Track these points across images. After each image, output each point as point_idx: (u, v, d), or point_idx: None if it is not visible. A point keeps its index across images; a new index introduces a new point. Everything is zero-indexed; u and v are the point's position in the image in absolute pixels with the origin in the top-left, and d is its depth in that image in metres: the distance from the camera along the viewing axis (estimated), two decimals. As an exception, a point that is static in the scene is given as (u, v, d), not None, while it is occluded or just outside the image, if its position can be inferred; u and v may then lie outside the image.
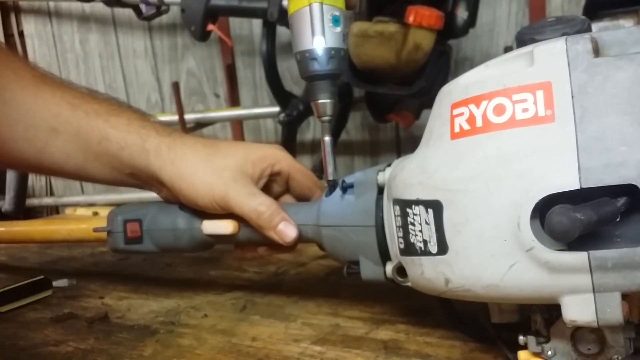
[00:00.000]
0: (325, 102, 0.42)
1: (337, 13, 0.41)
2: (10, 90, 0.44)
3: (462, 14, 0.73)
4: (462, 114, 0.32)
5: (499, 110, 0.30)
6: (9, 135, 0.45)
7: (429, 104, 0.86)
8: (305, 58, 0.41)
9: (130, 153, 0.46)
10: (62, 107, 0.46)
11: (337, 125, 0.94)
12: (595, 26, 0.64)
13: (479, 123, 0.31)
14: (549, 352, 0.33)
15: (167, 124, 0.54)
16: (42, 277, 0.61)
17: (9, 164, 0.57)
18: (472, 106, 0.31)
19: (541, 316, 0.33)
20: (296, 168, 0.49)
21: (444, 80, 0.76)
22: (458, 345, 0.41)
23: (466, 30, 0.76)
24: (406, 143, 1.11)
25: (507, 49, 0.87)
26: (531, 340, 0.33)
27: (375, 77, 0.77)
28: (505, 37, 0.99)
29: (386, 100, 0.85)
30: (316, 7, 0.40)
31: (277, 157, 0.48)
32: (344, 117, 0.96)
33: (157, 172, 0.46)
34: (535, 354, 0.33)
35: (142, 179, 0.48)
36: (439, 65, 0.74)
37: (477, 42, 1.00)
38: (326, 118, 0.43)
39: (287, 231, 0.44)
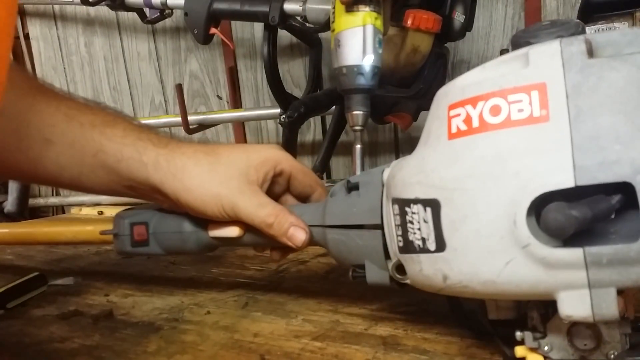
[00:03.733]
0: (358, 113, 0.46)
1: (381, 37, 0.45)
2: (6, 100, 0.42)
3: (459, 17, 0.73)
4: (459, 114, 0.32)
5: (495, 110, 0.30)
6: (2, 145, 0.44)
7: (426, 105, 0.87)
8: (353, 72, 0.44)
9: (128, 166, 0.45)
10: (57, 118, 0.45)
11: (337, 127, 0.95)
12: (590, 29, 0.65)
13: (475, 123, 0.31)
14: (546, 348, 0.33)
15: (167, 128, 0.53)
16: (37, 273, 0.62)
17: (3, 174, 0.54)
18: (468, 107, 0.31)
19: (537, 312, 0.33)
20: (297, 167, 0.48)
21: (441, 83, 0.76)
22: (455, 341, 0.41)
23: (463, 34, 0.76)
24: (404, 144, 1.12)
25: (503, 52, 0.87)
26: (528, 335, 0.33)
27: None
28: (502, 40, 0.99)
29: (384, 102, 0.85)
30: (370, 28, 0.46)
31: (278, 158, 0.47)
32: (344, 118, 0.97)
33: (158, 185, 0.45)
34: (532, 350, 0.33)
35: (141, 191, 0.47)
36: (437, 68, 0.74)
37: (474, 45, 1.00)
38: (358, 128, 0.46)
39: (297, 235, 0.44)
